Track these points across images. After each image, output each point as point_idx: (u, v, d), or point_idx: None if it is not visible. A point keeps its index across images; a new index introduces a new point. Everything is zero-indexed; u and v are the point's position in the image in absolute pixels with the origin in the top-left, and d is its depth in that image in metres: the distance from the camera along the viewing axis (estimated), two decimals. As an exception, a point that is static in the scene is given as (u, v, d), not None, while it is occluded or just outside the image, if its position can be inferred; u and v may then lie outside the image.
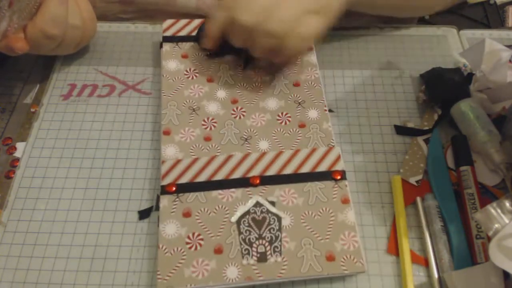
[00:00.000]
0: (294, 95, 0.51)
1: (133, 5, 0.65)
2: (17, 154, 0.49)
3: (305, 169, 0.45)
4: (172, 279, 0.40)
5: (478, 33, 0.59)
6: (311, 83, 0.52)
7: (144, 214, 0.45)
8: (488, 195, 0.46)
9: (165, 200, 0.43)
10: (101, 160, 0.48)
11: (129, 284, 0.41)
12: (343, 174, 0.44)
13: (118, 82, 0.54)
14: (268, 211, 0.43)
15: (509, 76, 0.45)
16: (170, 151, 0.46)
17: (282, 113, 0.49)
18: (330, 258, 0.40)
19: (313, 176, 0.45)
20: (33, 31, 0.47)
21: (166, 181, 0.44)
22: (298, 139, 0.47)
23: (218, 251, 0.41)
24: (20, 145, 0.50)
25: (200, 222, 0.42)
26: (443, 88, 0.50)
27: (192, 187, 0.44)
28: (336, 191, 0.44)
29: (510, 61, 0.45)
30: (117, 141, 0.50)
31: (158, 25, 0.60)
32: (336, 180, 0.44)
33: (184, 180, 0.44)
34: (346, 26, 0.58)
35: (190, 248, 0.41)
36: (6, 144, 0.50)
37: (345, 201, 0.43)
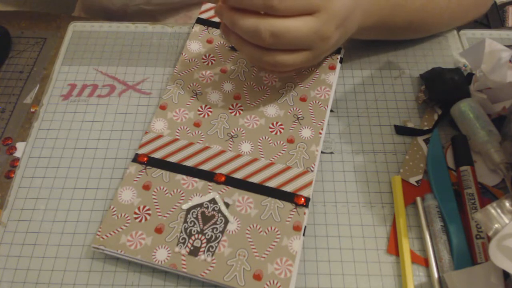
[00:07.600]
0: (295, 108, 0.49)
1: None
2: (17, 154, 0.49)
3: (272, 183, 0.44)
4: (107, 240, 0.41)
5: (478, 33, 0.59)
6: (318, 102, 0.50)
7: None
8: (488, 195, 0.46)
9: (133, 168, 0.45)
10: (101, 160, 0.48)
11: (129, 284, 0.41)
12: (306, 201, 0.43)
13: (118, 82, 0.54)
14: (219, 211, 0.43)
15: (509, 76, 0.45)
16: (158, 125, 0.48)
17: (276, 123, 0.48)
18: (257, 277, 0.39)
19: (276, 193, 0.44)
20: None
21: (141, 151, 0.46)
22: (280, 153, 0.46)
23: (159, 230, 0.42)
24: (20, 145, 0.50)
25: (154, 199, 0.43)
26: (443, 88, 0.50)
27: (162, 164, 0.45)
28: (292, 215, 0.42)
29: (510, 61, 0.45)
30: (117, 141, 0.50)
31: (159, 25, 0.60)
32: (297, 204, 0.43)
33: (157, 155, 0.46)
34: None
35: (135, 219, 0.42)
36: (6, 144, 0.50)
37: (297, 228, 0.42)
